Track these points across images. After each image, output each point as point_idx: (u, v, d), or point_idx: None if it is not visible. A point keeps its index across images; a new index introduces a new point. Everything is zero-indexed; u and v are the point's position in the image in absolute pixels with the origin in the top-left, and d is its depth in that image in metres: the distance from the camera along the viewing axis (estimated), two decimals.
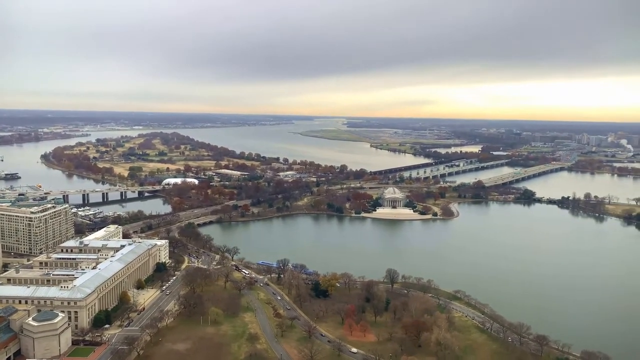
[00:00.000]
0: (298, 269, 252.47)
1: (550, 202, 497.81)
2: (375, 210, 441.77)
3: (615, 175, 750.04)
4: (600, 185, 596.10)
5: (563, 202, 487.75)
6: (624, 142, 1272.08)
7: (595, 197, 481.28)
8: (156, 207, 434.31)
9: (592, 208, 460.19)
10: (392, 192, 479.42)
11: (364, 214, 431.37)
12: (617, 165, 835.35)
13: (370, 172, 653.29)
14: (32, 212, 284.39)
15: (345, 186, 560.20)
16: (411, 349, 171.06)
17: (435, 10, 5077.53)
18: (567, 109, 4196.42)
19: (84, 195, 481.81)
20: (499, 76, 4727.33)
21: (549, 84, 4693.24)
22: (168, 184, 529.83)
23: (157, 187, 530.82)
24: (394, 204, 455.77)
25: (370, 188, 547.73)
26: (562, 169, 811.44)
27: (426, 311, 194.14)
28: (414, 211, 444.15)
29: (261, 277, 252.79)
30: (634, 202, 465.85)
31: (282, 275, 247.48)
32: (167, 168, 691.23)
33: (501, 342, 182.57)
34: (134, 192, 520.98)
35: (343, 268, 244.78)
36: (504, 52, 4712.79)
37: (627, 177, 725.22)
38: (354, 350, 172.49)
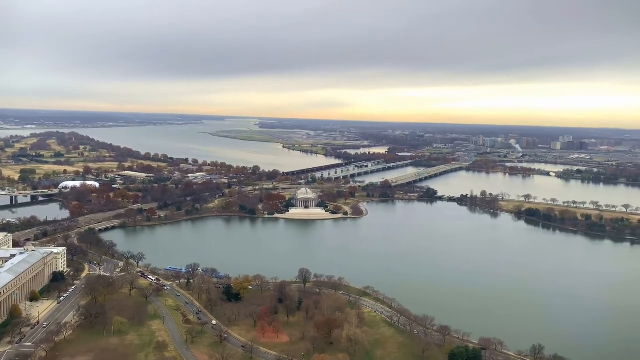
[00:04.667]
0: (209, 273, 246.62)
1: (451, 199, 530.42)
2: (289, 211, 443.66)
3: (507, 174, 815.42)
4: (495, 184, 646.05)
5: (462, 200, 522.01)
6: (513, 142, 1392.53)
7: (490, 194, 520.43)
8: (52, 212, 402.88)
9: (488, 205, 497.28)
10: (304, 192, 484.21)
11: (277, 215, 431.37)
12: (509, 165, 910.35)
13: (283, 173, 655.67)
14: None
15: (258, 187, 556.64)
16: (323, 347, 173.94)
17: (345, 15, 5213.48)
18: (465, 112, 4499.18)
19: None
20: (404, 81, 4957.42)
21: (450, 89, 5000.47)
22: (66, 187, 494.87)
23: (54, 191, 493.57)
24: (306, 204, 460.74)
25: (283, 189, 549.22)
26: (461, 168, 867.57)
27: (337, 309, 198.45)
28: (325, 211, 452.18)
29: (169, 283, 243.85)
30: (523, 199, 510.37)
31: (191, 281, 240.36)
32: (65, 170, 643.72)
33: (408, 334, 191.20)
34: (26, 196, 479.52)
35: (256, 270, 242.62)
36: (410, 59, 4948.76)
37: (517, 176, 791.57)
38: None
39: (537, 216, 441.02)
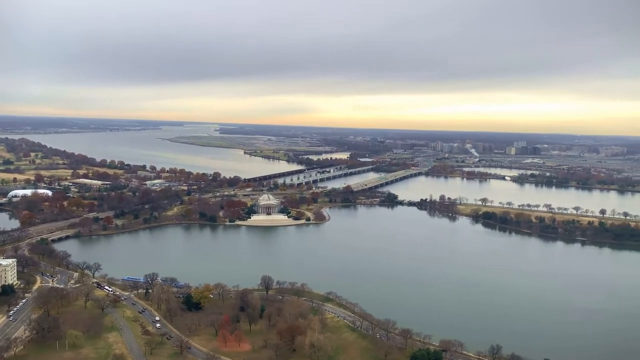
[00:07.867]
0: (168, 283, 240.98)
1: (411, 204, 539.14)
2: (250, 218, 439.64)
3: (465, 178, 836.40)
4: (453, 188, 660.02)
5: (421, 204, 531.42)
6: (469, 147, 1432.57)
7: (449, 198, 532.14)
8: (1, 222, 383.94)
9: (446, 209, 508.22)
10: (266, 198, 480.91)
11: (238, 222, 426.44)
12: (466, 169, 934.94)
13: (245, 179, 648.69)
14: None
15: (218, 194, 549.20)
16: (286, 354, 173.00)
17: (305, 23, 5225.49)
18: (424, 119, 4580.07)
19: None
20: (364, 88, 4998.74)
21: (408, 96, 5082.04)
22: (15, 196, 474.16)
23: (2, 200, 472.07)
24: (268, 210, 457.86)
25: (244, 195, 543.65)
26: (420, 173, 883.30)
27: (300, 315, 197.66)
28: (288, 217, 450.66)
29: (127, 293, 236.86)
30: (480, 203, 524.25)
31: (150, 290, 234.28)
32: (14, 178, 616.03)
33: (370, 339, 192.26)
34: None
35: (217, 278, 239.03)
36: (370, 66, 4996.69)
37: (474, 180, 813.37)
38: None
39: (493, 219, 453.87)
